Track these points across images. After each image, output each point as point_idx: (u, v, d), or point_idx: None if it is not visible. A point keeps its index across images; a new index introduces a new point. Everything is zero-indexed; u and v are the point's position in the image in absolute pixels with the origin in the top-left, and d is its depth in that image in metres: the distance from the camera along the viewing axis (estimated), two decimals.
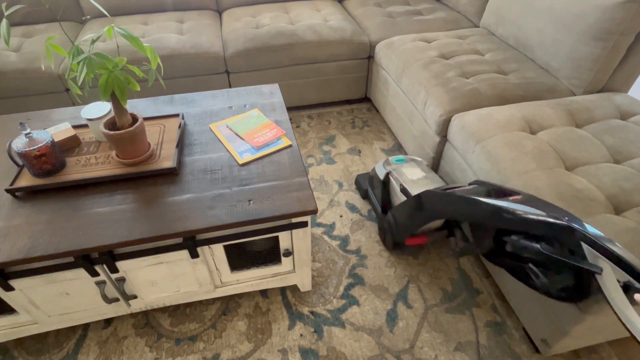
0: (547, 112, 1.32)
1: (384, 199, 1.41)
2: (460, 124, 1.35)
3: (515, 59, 1.64)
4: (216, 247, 1.05)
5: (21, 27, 2.02)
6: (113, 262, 0.98)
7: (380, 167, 1.44)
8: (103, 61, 0.86)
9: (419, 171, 1.33)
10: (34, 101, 1.81)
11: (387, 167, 1.39)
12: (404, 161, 1.41)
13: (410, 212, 1.18)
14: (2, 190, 1.03)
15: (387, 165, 1.41)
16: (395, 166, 1.38)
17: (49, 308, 1.07)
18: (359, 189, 1.66)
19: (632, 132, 1.23)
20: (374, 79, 2.07)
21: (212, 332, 1.20)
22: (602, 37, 1.33)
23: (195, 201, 0.99)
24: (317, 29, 1.96)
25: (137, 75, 1.50)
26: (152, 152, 1.10)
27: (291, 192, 1.01)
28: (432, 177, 1.31)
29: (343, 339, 1.18)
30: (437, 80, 1.53)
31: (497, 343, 1.16)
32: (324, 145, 1.94)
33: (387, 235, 1.39)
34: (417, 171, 1.33)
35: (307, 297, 1.29)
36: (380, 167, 1.44)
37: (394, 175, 1.34)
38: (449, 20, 2.09)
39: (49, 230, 0.92)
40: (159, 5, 2.19)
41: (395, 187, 1.33)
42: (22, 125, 0.96)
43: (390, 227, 1.32)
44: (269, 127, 1.22)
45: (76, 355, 1.15)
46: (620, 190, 1.04)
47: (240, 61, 1.88)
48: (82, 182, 1.02)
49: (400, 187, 1.29)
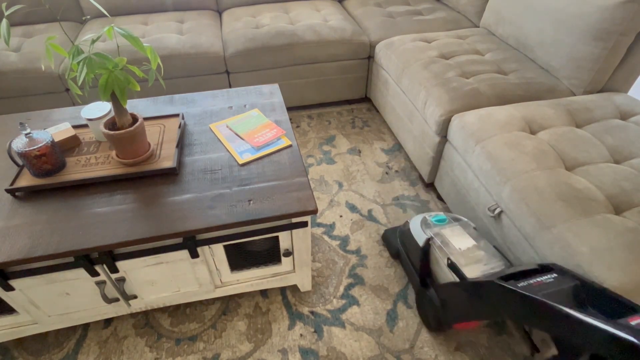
0: (547, 112, 1.32)
1: (424, 269, 1.18)
2: (460, 124, 1.35)
3: (515, 59, 1.64)
4: (216, 247, 1.05)
5: (21, 27, 2.02)
6: (113, 262, 0.98)
7: (417, 227, 1.20)
8: (103, 61, 0.86)
9: (467, 238, 1.10)
10: (34, 101, 1.81)
11: (427, 230, 1.16)
12: (445, 222, 1.18)
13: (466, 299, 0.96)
14: (2, 190, 1.03)
15: (426, 226, 1.18)
16: (437, 229, 1.15)
17: (49, 308, 1.07)
18: (387, 246, 1.42)
19: (632, 132, 1.23)
20: (374, 79, 2.07)
21: (212, 332, 1.20)
22: (602, 37, 1.33)
23: (195, 201, 0.99)
24: (317, 29, 1.96)
25: (137, 75, 1.50)
26: (152, 152, 1.09)
27: (291, 192, 1.01)
28: (485, 246, 1.08)
29: (343, 339, 1.18)
30: (437, 80, 1.53)
31: (497, 343, 1.16)
32: (324, 145, 1.94)
33: (429, 312, 1.16)
34: (465, 238, 1.10)
35: (307, 297, 1.29)
36: (417, 227, 1.20)
37: (437, 243, 1.11)
38: (449, 20, 2.09)
39: (49, 230, 0.92)
40: (159, 5, 2.19)
41: (438, 258, 1.10)
42: (22, 125, 0.96)
43: (434, 306, 1.11)
44: (269, 127, 1.22)
45: (76, 355, 1.15)
46: (620, 190, 1.04)
47: (240, 61, 1.88)
48: (82, 182, 1.02)
49: (448, 263, 1.04)
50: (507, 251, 1.17)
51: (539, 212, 1.02)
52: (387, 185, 1.71)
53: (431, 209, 1.59)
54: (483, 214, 1.27)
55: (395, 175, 1.76)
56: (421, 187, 1.69)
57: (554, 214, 1.00)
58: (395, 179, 1.74)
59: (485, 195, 1.24)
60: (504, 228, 1.17)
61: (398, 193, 1.67)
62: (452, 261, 1.02)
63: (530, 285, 0.77)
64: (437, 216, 1.20)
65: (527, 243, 1.07)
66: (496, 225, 1.21)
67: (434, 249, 1.13)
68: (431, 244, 1.14)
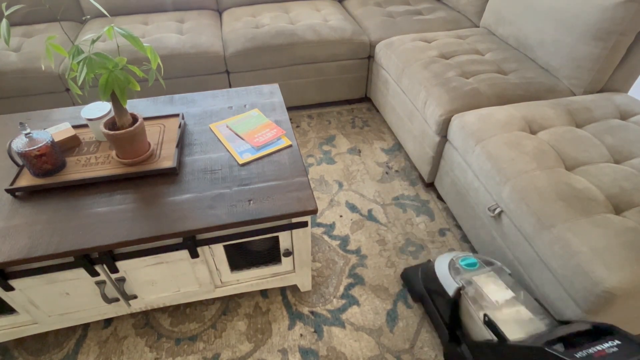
0: (547, 112, 1.32)
1: (454, 322, 1.06)
2: (460, 123, 1.35)
3: (515, 59, 1.64)
4: (216, 247, 1.05)
5: (21, 27, 2.02)
6: (113, 262, 0.98)
7: (444, 271, 1.07)
8: (103, 61, 0.86)
9: (504, 289, 0.96)
10: (34, 101, 1.81)
11: (456, 276, 1.03)
12: (476, 266, 1.05)
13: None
14: (2, 190, 1.03)
15: (455, 272, 1.04)
16: (468, 276, 1.02)
17: (49, 308, 1.07)
18: (408, 288, 1.29)
19: (632, 132, 1.23)
20: (374, 79, 2.07)
21: (212, 332, 1.20)
22: (602, 37, 1.33)
23: (195, 201, 0.99)
24: (317, 28, 1.96)
25: (137, 75, 1.50)
26: (152, 152, 1.09)
27: (291, 192, 1.01)
28: (525, 299, 0.95)
29: (343, 339, 1.18)
30: (437, 80, 1.53)
31: None
32: (324, 145, 1.94)
33: None
34: (502, 288, 0.96)
35: (307, 297, 1.29)
36: (444, 271, 1.07)
37: (470, 293, 0.98)
38: (449, 20, 2.09)
39: (49, 230, 0.92)
40: (159, 5, 2.19)
41: (471, 311, 0.97)
42: (22, 125, 0.96)
43: None
44: (269, 127, 1.22)
45: (76, 355, 1.15)
46: (620, 190, 1.04)
47: (240, 61, 1.88)
48: (82, 182, 1.02)
49: (485, 320, 0.91)
50: (506, 251, 1.17)
51: (539, 212, 1.02)
52: (387, 185, 1.71)
53: (431, 208, 1.59)
54: (483, 214, 1.27)
55: (395, 175, 1.76)
56: (421, 187, 1.69)
57: (554, 213, 1.00)
58: (395, 179, 1.74)
59: (485, 195, 1.24)
60: (504, 228, 1.17)
61: (398, 193, 1.67)
62: (489, 318, 0.90)
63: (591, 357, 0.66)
64: (466, 259, 1.07)
65: (527, 243, 1.07)
66: (496, 225, 1.21)
67: (465, 300, 1.00)
68: (462, 294, 1.01)
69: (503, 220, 1.17)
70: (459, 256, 1.08)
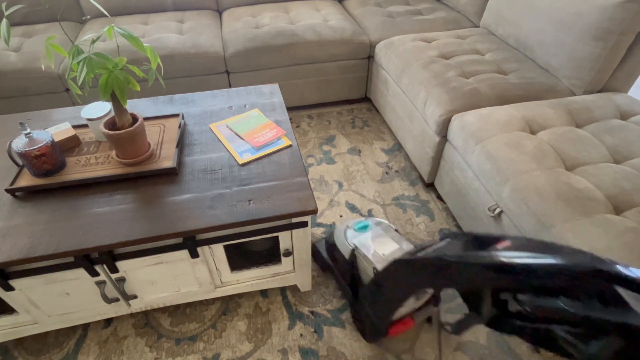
0: (547, 112, 1.32)
1: (354, 282, 1.15)
2: (460, 123, 1.35)
3: (515, 59, 1.64)
4: (216, 247, 1.05)
5: (21, 27, 2.02)
6: (113, 262, 0.98)
7: (341, 237, 1.16)
8: (103, 61, 0.86)
9: (389, 242, 1.06)
10: (34, 101, 1.81)
11: (351, 239, 1.12)
12: (368, 228, 1.14)
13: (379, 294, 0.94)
14: (2, 190, 1.03)
15: (349, 235, 1.14)
16: (360, 237, 1.11)
17: (49, 308, 1.07)
18: (316, 259, 1.36)
19: (632, 132, 1.23)
20: (374, 79, 2.07)
21: (212, 332, 1.20)
22: (602, 37, 1.33)
23: (195, 201, 0.99)
24: (317, 28, 1.96)
25: (137, 75, 1.50)
26: (152, 152, 1.10)
27: (291, 192, 1.01)
28: (407, 247, 1.06)
29: (343, 339, 1.18)
30: (437, 80, 1.53)
31: (497, 343, 1.16)
32: (324, 145, 1.94)
33: (365, 325, 1.12)
34: (387, 242, 1.06)
35: (307, 297, 1.29)
36: (341, 237, 1.16)
37: (361, 252, 1.07)
38: (449, 20, 2.09)
39: (49, 230, 0.92)
40: (159, 5, 2.19)
41: (366, 268, 1.07)
42: (22, 125, 0.96)
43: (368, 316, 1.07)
44: (269, 127, 1.22)
45: (76, 355, 1.15)
46: (620, 190, 1.04)
47: (240, 61, 1.88)
48: (82, 182, 1.02)
49: (375, 272, 1.02)
50: None
51: (539, 212, 1.02)
52: (387, 185, 1.71)
53: (431, 209, 1.59)
54: (483, 214, 1.27)
55: (395, 175, 1.76)
56: (421, 187, 1.69)
57: (554, 213, 1.00)
58: (395, 179, 1.74)
59: (485, 195, 1.25)
60: (504, 228, 1.17)
61: (398, 193, 1.67)
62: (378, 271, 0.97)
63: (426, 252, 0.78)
64: (359, 223, 1.15)
65: None
66: (496, 225, 1.21)
67: (359, 259, 1.08)
68: (357, 256, 1.09)
69: (503, 221, 1.17)
70: (354, 221, 1.17)
